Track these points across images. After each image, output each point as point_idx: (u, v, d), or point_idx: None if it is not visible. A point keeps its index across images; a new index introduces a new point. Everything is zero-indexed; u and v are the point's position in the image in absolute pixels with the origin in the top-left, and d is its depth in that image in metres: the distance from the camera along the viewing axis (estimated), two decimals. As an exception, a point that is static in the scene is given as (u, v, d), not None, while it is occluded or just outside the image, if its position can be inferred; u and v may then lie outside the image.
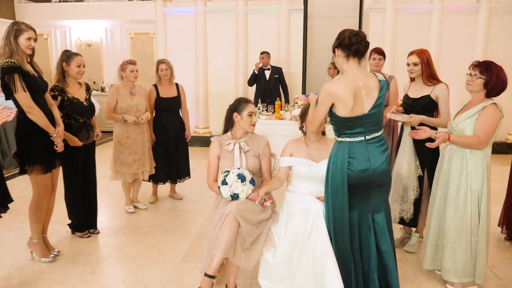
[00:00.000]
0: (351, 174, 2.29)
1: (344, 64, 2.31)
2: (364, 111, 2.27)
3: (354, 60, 2.29)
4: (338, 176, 2.32)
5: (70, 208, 3.60)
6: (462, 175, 2.69)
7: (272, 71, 6.79)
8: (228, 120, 2.93)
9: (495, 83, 2.59)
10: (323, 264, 2.42)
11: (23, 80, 2.85)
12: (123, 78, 4.13)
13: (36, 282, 2.93)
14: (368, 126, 2.29)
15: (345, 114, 2.26)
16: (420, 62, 3.14)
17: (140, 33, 9.41)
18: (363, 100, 2.26)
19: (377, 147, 2.32)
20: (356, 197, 2.35)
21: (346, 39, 2.25)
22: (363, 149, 2.29)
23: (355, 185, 2.32)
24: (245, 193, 2.66)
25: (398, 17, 6.99)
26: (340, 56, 2.30)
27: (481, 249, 2.67)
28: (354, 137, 2.30)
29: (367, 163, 2.29)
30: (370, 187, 2.35)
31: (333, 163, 2.36)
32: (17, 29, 2.87)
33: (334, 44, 2.34)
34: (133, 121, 4.04)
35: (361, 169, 2.28)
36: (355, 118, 2.26)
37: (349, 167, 2.29)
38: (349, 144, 2.31)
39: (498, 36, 6.88)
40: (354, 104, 2.23)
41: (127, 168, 4.14)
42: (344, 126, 2.30)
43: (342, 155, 2.31)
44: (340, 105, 2.25)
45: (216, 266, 2.52)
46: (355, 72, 2.29)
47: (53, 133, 3.01)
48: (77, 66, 3.36)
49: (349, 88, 2.21)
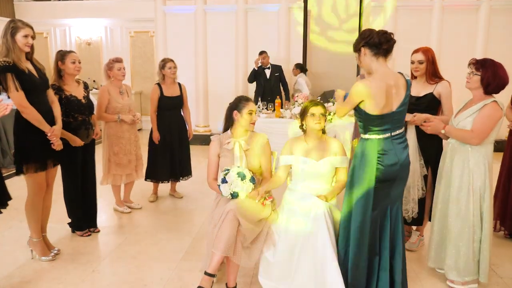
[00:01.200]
0: (381, 169, 2.34)
1: (373, 63, 2.35)
2: (393, 108, 2.33)
3: (383, 59, 2.35)
4: (367, 172, 2.36)
5: (70, 207, 3.59)
6: (464, 173, 2.69)
7: (273, 69, 6.78)
8: (228, 118, 2.92)
9: (490, 78, 2.58)
10: (323, 262, 2.42)
11: (17, 79, 2.83)
12: (110, 77, 4.02)
13: (36, 281, 2.93)
14: (394, 123, 2.36)
15: (375, 112, 2.30)
16: (425, 60, 3.12)
17: (140, 32, 9.40)
18: (393, 98, 2.31)
19: (400, 143, 2.40)
20: (379, 193, 2.39)
21: (375, 38, 2.30)
22: (390, 145, 2.36)
23: (382, 181, 2.37)
24: (245, 191, 2.66)
25: (398, 15, 6.97)
26: (368, 55, 2.34)
27: (485, 247, 2.67)
28: (382, 134, 2.35)
29: (395, 158, 2.36)
30: (394, 181, 2.41)
31: (362, 160, 2.39)
32: (14, 26, 2.86)
33: (360, 43, 2.37)
34: (131, 121, 4.02)
35: (390, 164, 2.35)
36: (385, 115, 2.31)
37: (379, 162, 2.34)
38: (378, 141, 2.36)
39: (498, 34, 6.86)
40: (386, 102, 2.27)
41: (121, 170, 4.09)
42: (372, 123, 2.34)
43: (372, 152, 2.35)
44: (371, 103, 2.28)
45: (216, 264, 2.52)
46: (386, 70, 2.35)
47: (48, 132, 3.00)
48: (72, 63, 3.34)
49: (383, 87, 2.26)
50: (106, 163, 4.07)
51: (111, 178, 4.11)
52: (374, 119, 2.32)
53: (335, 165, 2.76)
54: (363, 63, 2.40)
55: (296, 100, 5.66)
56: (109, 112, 3.99)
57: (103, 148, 4.10)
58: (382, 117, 2.31)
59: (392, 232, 2.49)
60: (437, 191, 2.87)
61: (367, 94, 2.28)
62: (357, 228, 2.40)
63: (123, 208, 4.27)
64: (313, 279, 2.46)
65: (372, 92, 2.26)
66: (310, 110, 2.72)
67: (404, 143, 2.44)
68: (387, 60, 2.38)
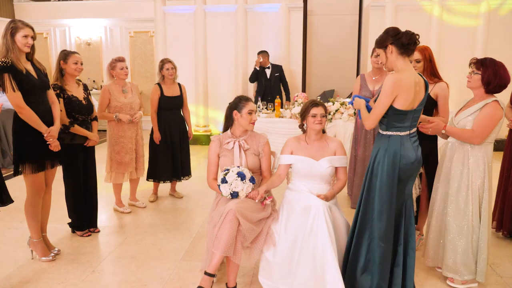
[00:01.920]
0: (403, 166, 2.39)
1: (399, 61, 2.39)
2: (414, 106, 2.38)
3: (407, 59, 2.40)
4: (390, 168, 2.40)
5: (71, 207, 3.59)
6: (463, 172, 2.69)
7: (273, 69, 6.78)
8: (228, 118, 2.92)
9: (490, 77, 2.58)
10: (323, 262, 2.42)
11: (15, 79, 2.84)
12: (113, 77, 4.08)
13: (36, 281, 2.93)
14: (413, 121, 2.42)
15: (402, 107, 2.34)
16: (423, 59, 3.13)
17: (139, 32, 9.40)
18: (417, 95, 2.36)
19: (414, 142, 2.47)
20: (399, 188, 2.44)
21: (405, 38, 2.34)
22: (409, 142, 2.42)
23: (403, 178, 2.42)
24: (245, 191, 2.66)
25: (397, 15, 6.97)
26: (395, 53, 2.38)
27: (482, 247, 2.67)
28: (403, 131, 2.41)
29: (413, 155, 2.41)
30: (410, 178, 2.48)
31: (385, 156, 2.41)
32: (14, 26, 2.87)
33: (387, 40, 2.39)
34: (128, 120, 4.03)
35: (411, 161, 2.41)
36: (408, 112, 2.36)
37: (402, 159, 2.39)
38: (400, 138, 2.41)
39: (498, 33, 6.86)
40: (413, 97, 2.34)
41: (123, 168, 4.12)
42: (396, 119, 2.38)
43: (395, 148, 2.40)
44: (402, 97, 2.32)
45: (216, 264, 2.52)
46: (411, 69, 2.41)
47: (44, 133, 2.99)
48: (74, 63, 3.37)
49: (412, 81, 2.33)
50: (108, 161, 4.13)
51: (113, 176, 4.14)
52: (398, 115, 2.36)
53: (335, 165, 2.76)
54: (389, 60, 2.42)
55: (296, 100, 5.66)
56: (110, 111, 4.04)
57: (106, 147, 4.15)
58: (406, 114, 2.36)
59: (406, 228, 2.54)
60: (436, 190, 2.87)
61: (401, 87, 2.31)
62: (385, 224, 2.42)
63: (122, 208, 4.28)
64: (313, 278, 2.46)
65: (404, 85, 2.31)
66: (311, 110, 2.72)
67: (417, 141, 2.50)
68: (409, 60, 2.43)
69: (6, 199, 2.77)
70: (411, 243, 2.56)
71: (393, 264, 2.52)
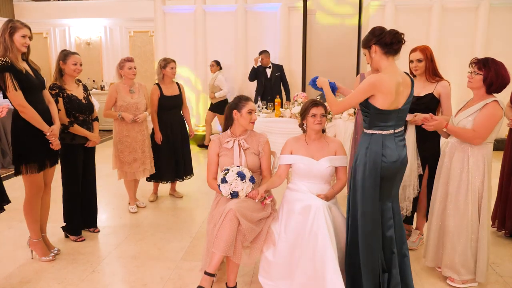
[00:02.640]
0: (384, 165, 2.38)
1: (383, 61, 2.38)
2: (399, 106, 2.37)
3: (392, 58, 2.39)
4: (372, 166, 2.39)
5: (67, 209, 3.55)
6: (463, 172, 2.69)
7: (274, 68, 6.77)
8: (228, 118, 2.92)
9: (493, 78, 2.58)
10: (323, 262, 2.41)
11: (15, 79, 2.84)
12: (121, 76, 4.14)
13: (36, 281, 2.92)
14: (398, 120, 2.41)
15: (383, 107, 2.33)
16: (424, 58, 3.13)
17: (139, 32, 9.40)
18: (400, 95, 2.35)
19: (400, 141, 2.46)
20: (383, 187, 2.43)
21: (387, 37, 2.33)
22: (393, 141, 2.41)
23: (385, 176, 2.40)
24: (244, 191, 2.66)
25: (398, 14, 6.97)
26: (378, 53, 2.38)
27: (482, 247, 2.67)
28: (386, 130, 2.39)
29: (396, 155, 2.40)
30: (395, 178, 2.47)
31: (366, 155, 2.41)
32: (12, 26, 2.86)
33: (371, 40, 2.39)
34: (131, 120, 4.03)
35: (393, 161, 2.39)
36: (391, 111, 2.35)
37: (383, 158, 2.38)
38: (382, 137, 2.39)
39: (498, 33, 6.86)
40: (395, 98, 2.32)
41: (127, 167, 4.15)
42: (379, 118, 2.37)
43: (376, 147, 2.39)
44: (381, 97, 2.32)
45: (216, 264, 2.52)
46: (395, 68, 2.39)
47: (47, 132, 3.00)
48: (73, 64, 3.36)
49: (394, 82, 2.31)
50: (114, 159, 4.18)
51: (122, 174, 4.19)
52: (381, 114, 2.36)
53: (335, 165, 2.76)
54: (373, 60, 2.43)
55: (296, 100, 5.66)
56: (116, 110, 4.09)
57: (112, 145, 4.20)
58: (389, 113, 2.36)
59: (397, 228, 2.53)
60: (436, 190, 2.87)
61: (380, 87, 2.30)
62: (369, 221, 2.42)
63: (131, 207, 4.31)
64: (313, 278, 2.46)
65: (384, 85, 2.30)
66: (311, 110, 2.72)
67: (403, 141, 2.49)
68: (395, 59, 2.42)
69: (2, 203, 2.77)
70: (405, 244, 2.56)
71: (390, 266, 2.50)
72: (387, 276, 2.50)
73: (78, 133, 3.42)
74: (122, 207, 4.39)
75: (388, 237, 2.50)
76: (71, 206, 3.54)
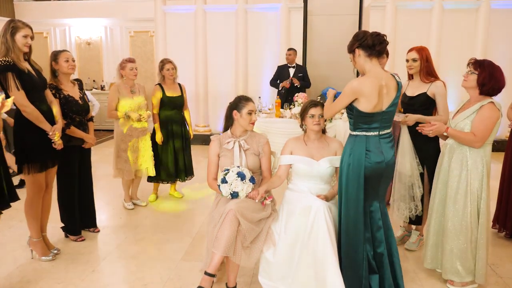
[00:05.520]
0: (368, 166, 2.41)
1: (367, 64, 2.42)
2: (383, 108, 2.40)
3: (376, 60, 2.42)
4: (355, 167, 2.43)
5: (64, 210, 3.53)
6: (462, 173, 2.69)
7: (297, 69, 6.70)
8: (228, 118, 2.92)
9: (485, 78, 2.59)
10: (324, 262, 2.42)
11: (18, 78, 2.84)
12: (122, 77, 4.15)
13: (36, 280, 2.93)
14: (383, 122, 2.44)
15: (366, 110, 2.37)
16: (419, 58, 3.14)
17: (139, 32, 9.39)
18: (383, 98, 2.38)
19: (387, 142, 2.48)
20: (368, 188, 2.46)
21: (369, 40, 2.37)
22: (377, 143, 2.44)
23: (369, 177, 2.44)
24: (245, 191, 2.66)
25: (398, 15, 6.97)
26: (362, 56, 2.41)
27: (481, 249, 2.67)
28: (370, 132, 2.43)
29: (381, 156, 2.43)
30: (381, 179, 2.50)
31: (350, 155, 2.46)
32: (14, 26, 2.87)
33: (354, 44, 2.43)
34: (136, 118, 4.07)
35: (377, 161, 2.42)
36: (374, 114, 2.38)
37: (367, 159, 2.41)
38: (366, 138, 2.44)
39: (497, 34, 6.86)
40: (377, 101, 2.35)
41: (129, 166, 4.16)
42: (362, 120, 2.42)
43: (360, 148, 2.43)
44: (363, 101, 2.35)
45: (216, 264, 2.52)
46: (379, 70, 2.42)
47: (49, 131, 3.00)
48: (65, 61, 3.32)
49: (376, 85, 2.34)
50: (115, 158, 4.20)
51: (120, 172, 4.20)
52: (364, 116, 2.39)
53: (335, 165, 2.76)
54: (357, 64, 2.47)
55: (296, 100, 5.66)
56: (118, 110, 4.10)
57: (114, 144, 4.23)
58: (372, 116, 2.39)
59: (385, 228, 2.55)
60: (434, 191, 2.88)
61: (361, 91, 2.34)
62: (349, 218, 2.46)
63: (127, 204, 4.36)
64: (314, 278, 2.46)
65: (366, 89, 2.33)
66: (310, 111, 2.73)
67: (391, 142, 2.51)
68: (381, 60, 2.46)
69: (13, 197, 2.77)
70: (394, 245, 2.59)
71: (381, 266, 2.51)
72: (378, 278, 2.50)
73: (75, 135, 3.39)
74: (122, 207, 4.39)
75: (378, 237, 2.52)
76: (68, 208, 3.52)
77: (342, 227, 2.50)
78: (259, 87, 7.49)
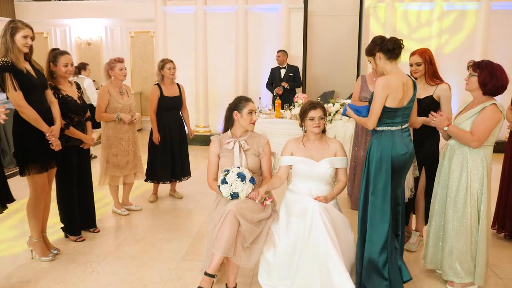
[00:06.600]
0: (395, 157, 2.60)
1: (387, 65, 2.65)
2: (404, 103, 2.60)
3: (395, 61, 2.65)
4: (383, 160, 2.60)
5: (64, 211, 3.52)
6: (462, 175, 2.69)
7: (288, 70, 6.73)
8: (228, 118, 2.92)
9: (486, 78, 2.59)
10: (327, 263, 2.42)
11: (16, 79, 2.83)
12: (110, 77, 3.98)
13: (36, 281, 2.93)
14: (404, 117, 2.65)
15: (393, 105, 2.56)
16: (423, 61, 3.14)
17: (140, 32, 9.40)
18: (405, 94, 2.59)
19: (407, 136, 2.70)
20: (395, 178, 2.65)
21: (389, 44, 2.60)
22: (401, 136, 2.65)
23: (396, 168, 2.63)
24: (245, 192, 2.66)
25: (398, 15, 6.97)
26: (383, 59, 2.65)
27: (481, 250, 2.67)
28: (394, 126, 2.63)
29: (405, 147, 2.64)
30: (405, 168, 2.72)
31: (378, 149, 2.63)
32: (14, 26, 2.86)
33: (375, 48, 2.68)
34: (129, 120, 3.99)
35: (402, 153, 2.62)
36: (398, 109, 2.59)
37: (393, 151, 2.60)
38: (391, 132, 2.63)
39: (498, 35, 6.86)
40: (402, 96, 2.57)
41: (119, 171, 4.05)
42: (387, 116, 2.60)
43: (386, 142, 2.62)
44: (392, 96, 2.55)
45: (216, 265, 2.52)
46: (399, 70, 2.64)
47: (46, 132, 2.99)
48: (64, 66, 3.28)
49: (400, 81, 2.57)
50: (103, 164, 4.02)
51: (108, 179, 4.08)
52: (389, 112, 2.57)
53: (335, 166, 2.76)
54: (379, 66, 2.68)
55: (296, 101, 5.66)
56: (109, 112, 3.96)
57: (101, 149, 4.06)
58: (396, 111, 2.58)
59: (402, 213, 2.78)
60: (435, 192, 2.88)
61: (391, 86, 2.54)
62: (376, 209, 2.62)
63: (121, 210, 4.24)
64: (318, 279, 2.46)
65: (394, 84, 2.55)
66: (309, 113, 2.73)
67: (410, 136, 2.72)
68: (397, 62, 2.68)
69: (6, 201, 2.77)
70: (403, 232, 2.84)
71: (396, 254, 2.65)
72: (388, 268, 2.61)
73: (74, 136, 3.37)
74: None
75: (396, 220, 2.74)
76: (67, 207, 3.51)
77: (369, 215, 2.62)
78: (259, 88, 7.49)
